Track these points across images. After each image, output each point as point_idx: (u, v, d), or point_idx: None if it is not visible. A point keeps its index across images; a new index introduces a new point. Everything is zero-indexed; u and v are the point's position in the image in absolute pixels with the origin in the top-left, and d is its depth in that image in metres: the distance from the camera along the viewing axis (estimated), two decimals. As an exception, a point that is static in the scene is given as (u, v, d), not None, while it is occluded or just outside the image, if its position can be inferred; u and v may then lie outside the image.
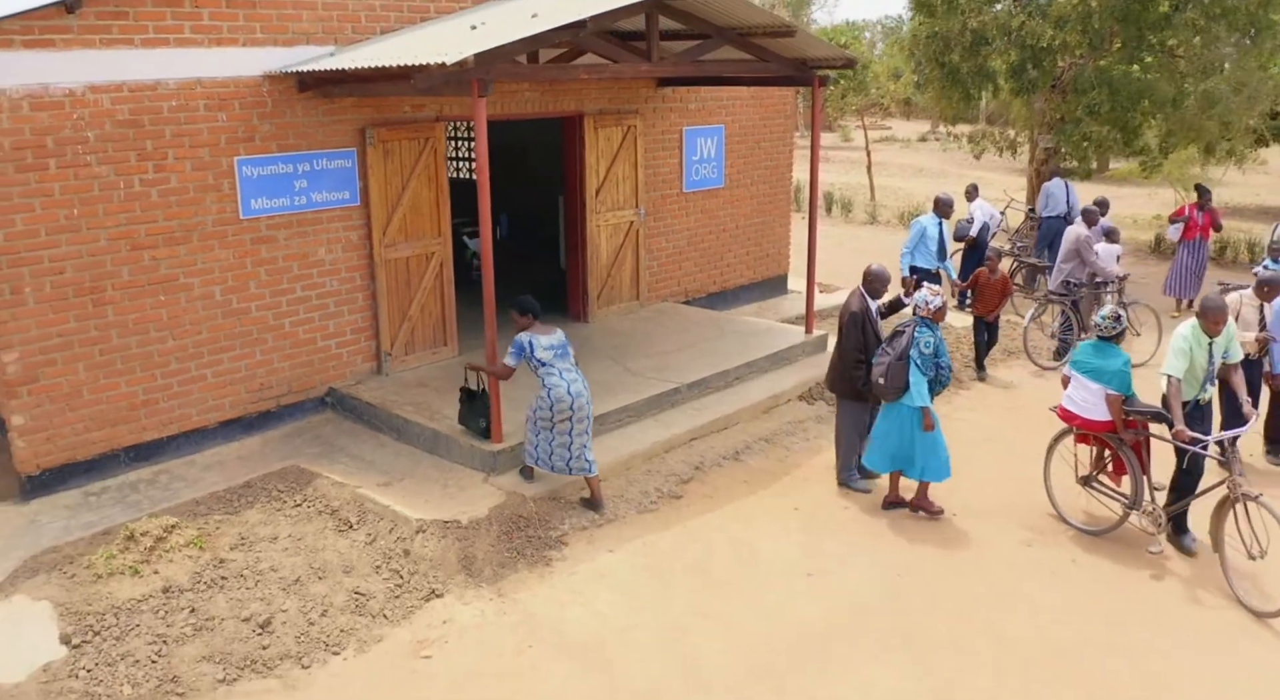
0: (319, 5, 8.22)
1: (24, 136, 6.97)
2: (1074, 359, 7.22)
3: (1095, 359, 6.97)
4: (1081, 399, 7.07)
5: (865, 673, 5.55)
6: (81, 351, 7.46)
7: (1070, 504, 7.43)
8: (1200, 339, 6.88)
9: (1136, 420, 6.97)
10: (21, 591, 6.33)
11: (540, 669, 5.60)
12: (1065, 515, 7.39)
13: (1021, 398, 10.22)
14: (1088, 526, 7.27)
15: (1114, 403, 6.87)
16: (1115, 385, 6.87)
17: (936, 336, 7.26)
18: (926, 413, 7.17)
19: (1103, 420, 6.97)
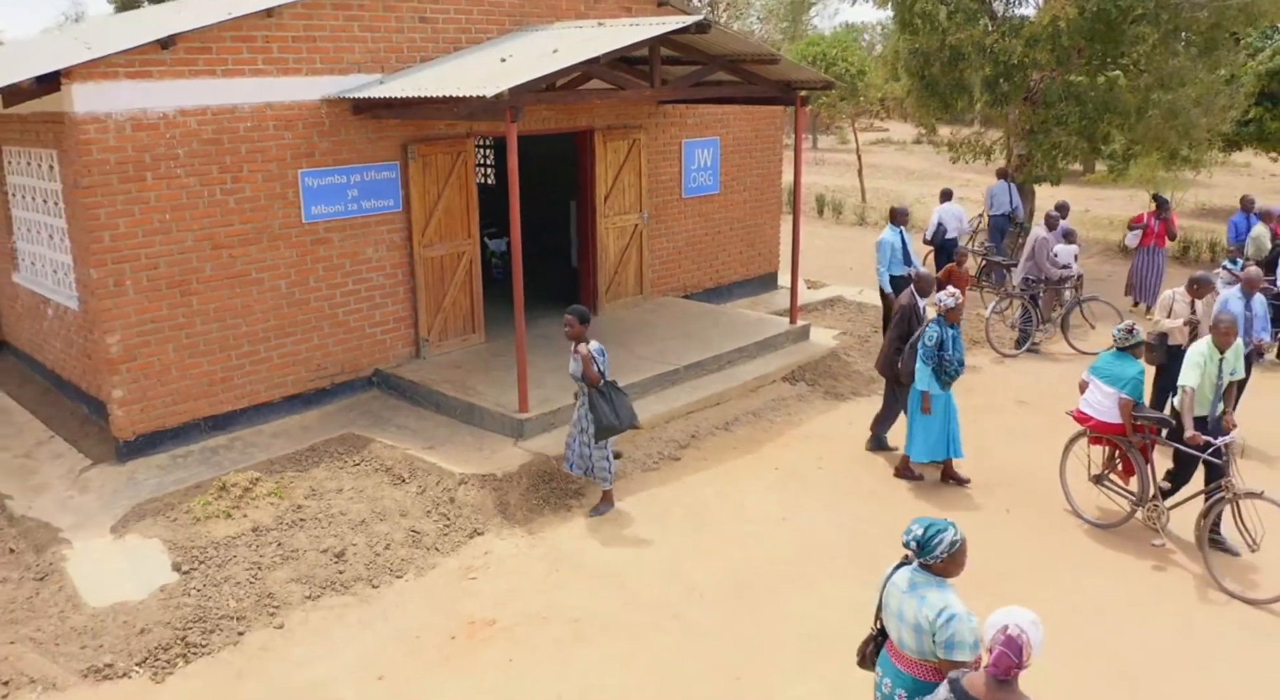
0: (369, 39, 9.55)
1: (127, 153, 8.31)
2: (1093, 366, 7.85)
3: (1113, 366, 7.65)
4: (1097, 403, 7.74)
5: (823, 588, 6.88)
6: (170, 335, 8.80)
7: (1083, 500, 8.14)
8: (1213, 354, 7.49)
9: (1144, 424, 7.61)
10: (133, 532, 7.68)
11: (566, 587, 6.94)
12: (1079, 510, 8.05)
13: (984, 381, 11.53)
14: (1099, 520, 7.95)
15: (1125, 407, 7.52)
16: (1129, 391, 7.53)
17: (944, 332, 8.21)
18: (924, 396, 8.28)
19: (1115, 423, 7.65)
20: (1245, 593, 6.94)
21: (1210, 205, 30.32)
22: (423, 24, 9.93)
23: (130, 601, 6.84)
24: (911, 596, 4.35)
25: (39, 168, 10.08)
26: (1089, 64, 16.56)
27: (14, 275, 11.38)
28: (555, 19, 11.01)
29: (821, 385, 10.82)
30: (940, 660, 4.22)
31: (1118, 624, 6.59)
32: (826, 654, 6.12)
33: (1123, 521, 7.83)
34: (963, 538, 4.33)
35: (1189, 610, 6.81)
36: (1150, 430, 7.67)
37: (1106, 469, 8.00)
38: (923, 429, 8.41)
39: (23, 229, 11.08)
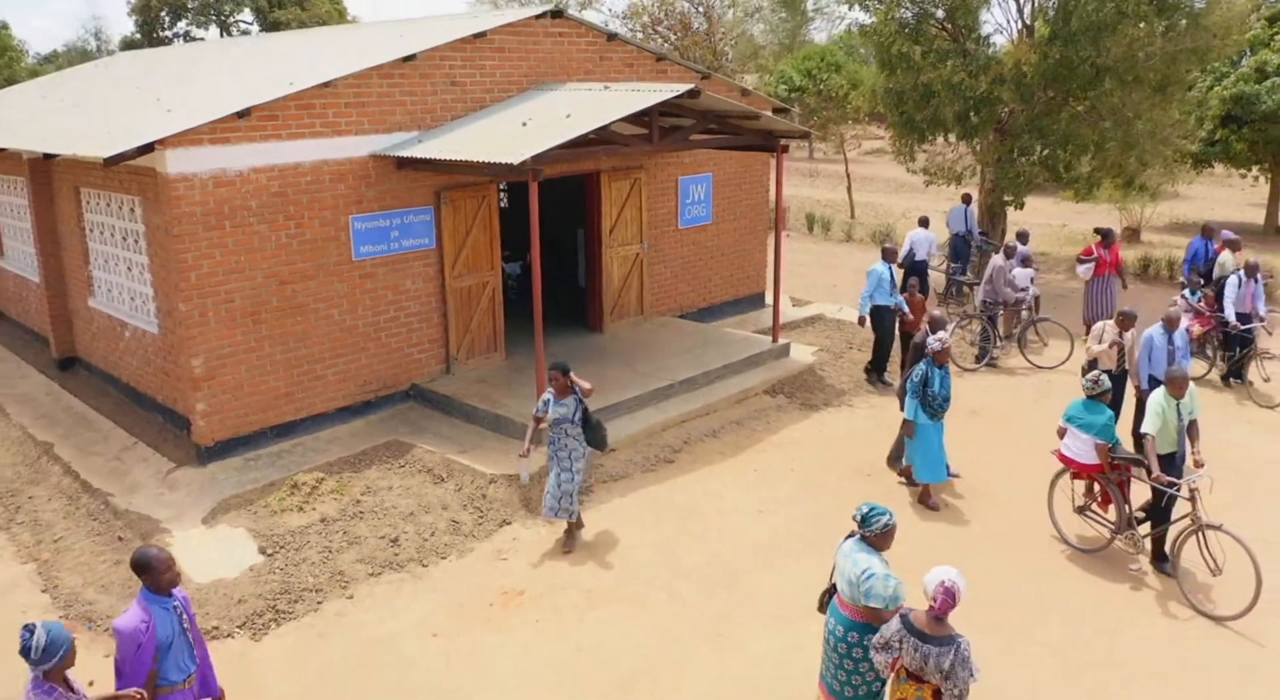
0: (408, 102, 11.16)
1: (209, 205, 9.91)
2: (1068, 415, 8.72)
3: (1085, 415, 8.54)
4: (1076, 447, 8.63)
5: (789, 568, 8.47)
6: (244, 357, 10.41)
7: (1063, 522, 9.12)
8: (1169, 402, 8.42)
9: (1120, 463, 8.54)
10: (222, 522, 9.30)
11: (580, 566, 8.55)
12: (1065, 536, 8.98)
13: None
14: (1082, 546, 8.88)
15: (1102, 451, 8.43)
16: (1102, 436, 8.42)
17: (930, 372, 9.48)
18: (907, 423, 9.54)
19: (1093, 463, 8.56)
20: (1208, 609, 7.93)
21: (1184, 219, 31.86)
22: (453, 87, 11.54)
23: (227, 578, 8.45)
24: (849, 559, 5.95)
25: (119, 209, 11.72)
26: (1052, 101, 18.15)
27: (90, 300, 13.01)
28: (568, 78, 12.61)
29: (798, 397, 12.42)
30: (862, 606, 5.82)
31: (1099, 635, 7.61)
32: (790, 618, 7.71)
33: (1104, 547, 8.78)
34: (894, 524, 5.92)
35: (1160, 624, 7.84)
36: (1125, 467, 8.60)
37: (1088, 501, 8.99)
38: (921, 456, 9.64)
39: (99, 260, 12.71)
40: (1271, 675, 7.18)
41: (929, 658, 5.27)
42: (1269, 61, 25.51)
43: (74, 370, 14.00)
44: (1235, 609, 7.78)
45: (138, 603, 5.39)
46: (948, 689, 5.28)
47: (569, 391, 8.67)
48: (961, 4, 17.85)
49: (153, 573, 5.39)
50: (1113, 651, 7.46)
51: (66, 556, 9.09)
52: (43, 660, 4.85)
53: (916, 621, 5.39)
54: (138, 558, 5.45)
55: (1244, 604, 7.67)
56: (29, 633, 4.85)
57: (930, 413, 9.56)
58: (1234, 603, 7.83)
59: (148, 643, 5.26)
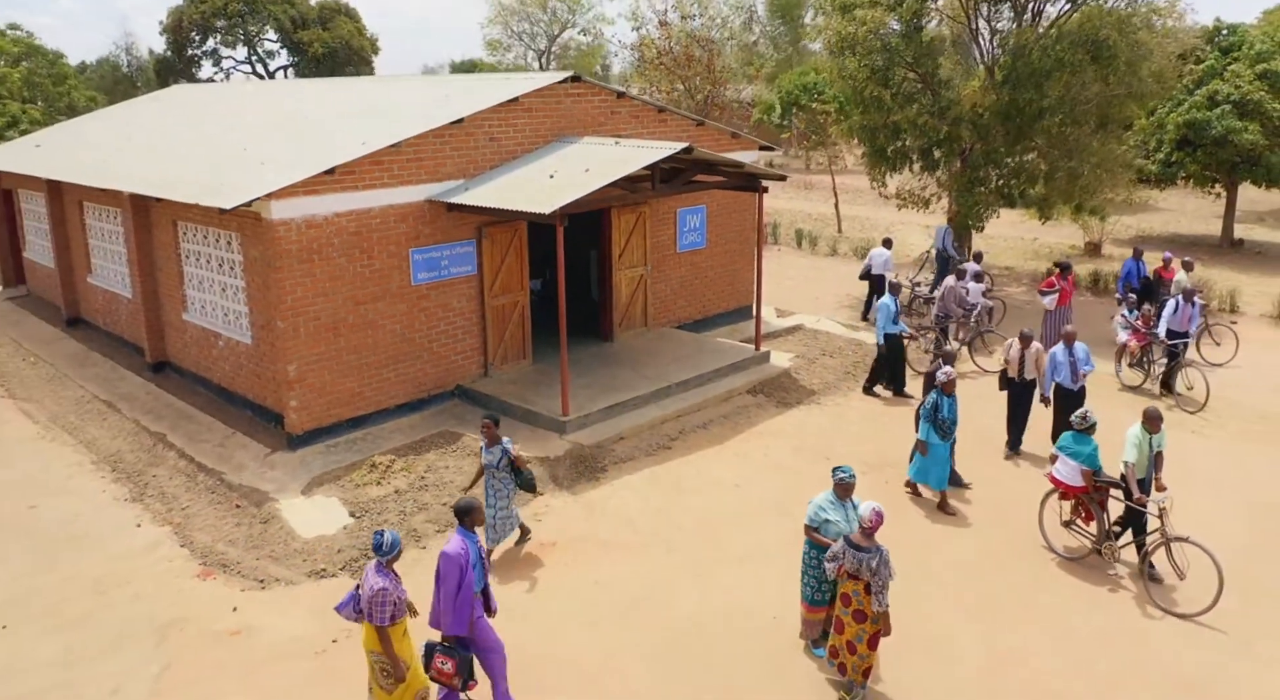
0: (456, 156, 13.72)
1: (302, 244, 12.48)
2: (1059, 444, 10.34)
3: (1074, 445, 10.15)
4: (1065, 471, 10.23)
5: (757, 527, 11.03)
6: (326, 364, 12.99)
7: (1053, 534, 10.69)
8: (1145, 437, 9.94)
9: (1102, 485, 10.12)
10: (317, 493, 11.88)
11: (597, 524, 11.12)
12: (1054, 546, 10.53)
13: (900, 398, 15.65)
14: (1068, 554, 10.41)
15: (1087, 476, 10.08)
16: (1088, 463, 10.06)
17: (941, 399, 11.22)
18: (921, 443, 11.30)
19: (1078, 485, 10.18)
20: (1173, 607, 9.48)
21: (1150, 232, 34.23)
22: (491, 142, 14.12)
23: (327, 534, 11.03)
24: (814, 498, 8.56)
25: (216, 241, 14.32)
26: (1006, 136, 20.68)
27: (184, 314, 15.61)
28: (584, 130, 15.17)
29: (775, 396, 14.98)
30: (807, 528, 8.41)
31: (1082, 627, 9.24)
32: (753, 561, 10.27)
33: (1086, 555, 10.39)
34: (854, 481, 8.45)
35: (1134, 620, 9.41)
36: (1105, 489, 10.12)
37: (1073, 517, 10.52)
38: (934, 470, 11.43)
39: (193, 281, 15.32)
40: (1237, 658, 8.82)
41: (862, 561, 7.83)
42: (1220, 90, 27.94)
43: (165, 373, 16.60)
44: (1201, 606, 9.29)
45: (458, 535, 7.70)
46: (874, 582, 7.83)
47: (497, 441, 10.03)
48: (926, 53, 20.40)
49: (474, 514, 7.83)
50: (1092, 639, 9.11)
51: (195, 521, 11.67)
52: (389, 553, 7.37)
53: (854, 539, 7.94)
54: (464, 504, 7.84)
55: (1208, 601, 9.23)
56: (380, 535, 7.36)
57: (941, 434, 11.32)
58: (1199, 600, 9.36)
59: (466, 564, 7.63)
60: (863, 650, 8.08)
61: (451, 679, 7.67)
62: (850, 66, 20.80)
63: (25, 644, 9.33)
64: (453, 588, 7.62)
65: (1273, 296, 22.11)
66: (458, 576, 7.61)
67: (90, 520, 11.81)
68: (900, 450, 13.14)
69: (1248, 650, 8.98)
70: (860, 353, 17.22)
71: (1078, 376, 12.92)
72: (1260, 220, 37.90)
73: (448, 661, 7.65)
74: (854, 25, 20.35)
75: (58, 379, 16.99)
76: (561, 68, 53.96)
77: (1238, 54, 28.89)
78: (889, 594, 7.86)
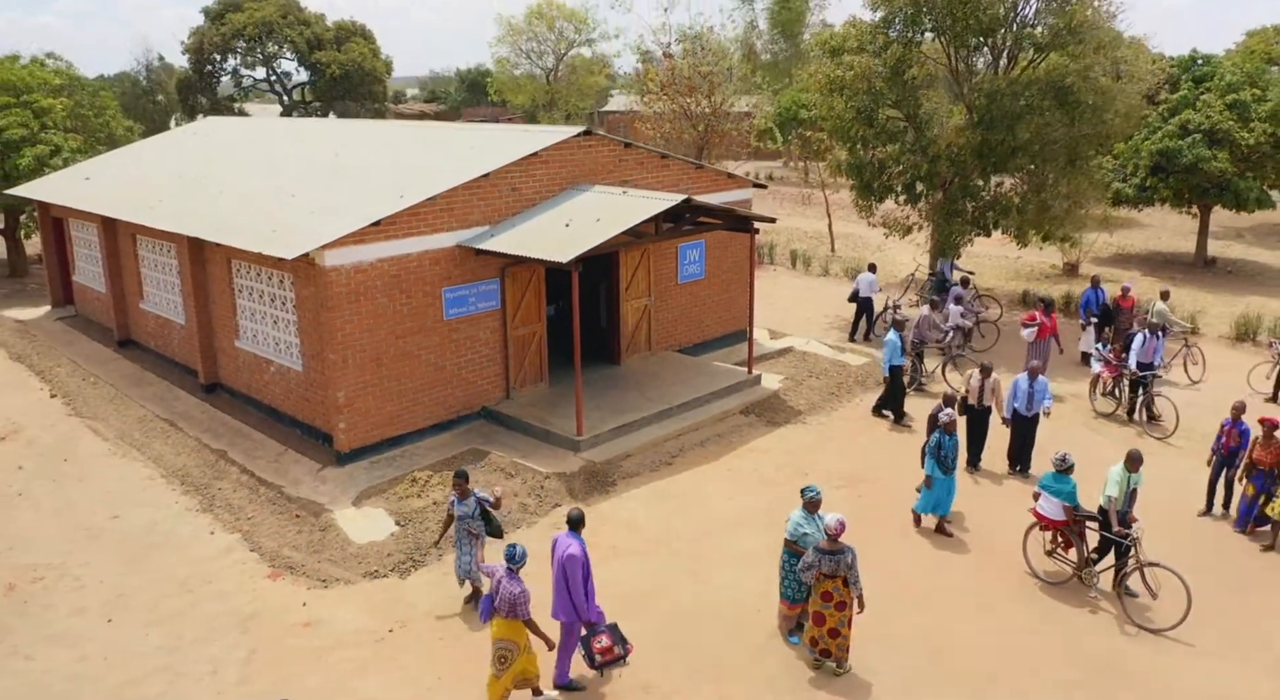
0: (482, 205, 15.53)
1: (351, 286, 14.30)
2: (1041, 483, 11.61)
3: (1055, 484, 11.42)
4: (1048, 507, 11.53)
5: (746, 535, 12.83)
6: (370, 389, 14.81)
7: (1037, 562, 12.01)
8: (1125, 476, 11.25)
9: (1080, 519, 11.49)
10: (366, 505, 13.70)
11: (608, 531, 12.93)
12: (1037, 572, 11.82)
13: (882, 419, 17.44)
14: (1050, 579, 11.71)
15: (1068, 510, 11.41)
16: (1068, 500, 11.38)
17: (942, 438, 12.58)
18: (928, 478, 12.66)
19: (1059, 519, 11.51)
20: (1147, 624, 10.84)
21: (1130, 250, 35.88)
22: (513, 192, 15.93)
23: (377, 541, 12.84)
24: (791, 518, 10.32)
25: (269, 279, 16.14)
26: (982, 172, 22.46)
27: (236, 342, 17.44)
28: (595, 177, 16.97)
29: (764, 416, 16.78)
30: (789, 541, 10.20)
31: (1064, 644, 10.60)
32: (744, 564, 12.06)
33: (1066, 581, 11.70)
34: (820, 498, 10.24)
35: (1112, 636, 10.78)
36: (1083, 522, 11.48)
37: (1054, 546, 11.91)
38: (936, 500, 12.85)
39: (246, 313, 17.14)
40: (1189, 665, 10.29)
41: (837, 561, 9.63)
42: (1191, 120, 29.70)
43: (217, 393, 18.44)
44: (1169, 622, 10.72)
45: (574, 539, 9.52)
46: (850, 575, 9.64)
47: (468, 495, 11.16)
48: (909, 95, 22.18)
49: (583, 522, 9.76)
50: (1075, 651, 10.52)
51: (261, 529, 13.49)
52: (520, 562, 9.22)
53: (823, 546, 9.71)
54: (577, 514, 9.78)
55: (1177, 619, 10.65)
56: (513, 548, 9.25)
57: (943, 470, 12.76)
58: (1171, 616, 10.79)
59: (585, 563, 9.52)
60: (845, 631, 9.88)
61: (611, 650, 9.73)
62: (838, 106, 22.59)
63: (132, 634, 11.16)
64: (580, 581, 9.48)
65: (1234, 317, 23.85)
66: (584, 572, 9.52)
67: (168, 528, 13.64)
68: (872, 466, 14.95)
69: (1169, 642, 10.76)
70: (843, 374, 19.02)
71: (1033, 405, 14.65)
72: (1239, 236, 39.57)
73: (602, 638, 9.69)
74: (842, 69, 22.16)
75: (119, 398, 18.83)
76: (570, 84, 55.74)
77: (1210, 84, 30.65)
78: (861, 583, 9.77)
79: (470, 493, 11.27)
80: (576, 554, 9.52)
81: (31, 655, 10.85)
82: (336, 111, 52.54)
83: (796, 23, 60.54)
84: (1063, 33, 20.73)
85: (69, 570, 12.61)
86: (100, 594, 12.03)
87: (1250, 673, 10.22)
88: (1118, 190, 31.20)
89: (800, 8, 60.31)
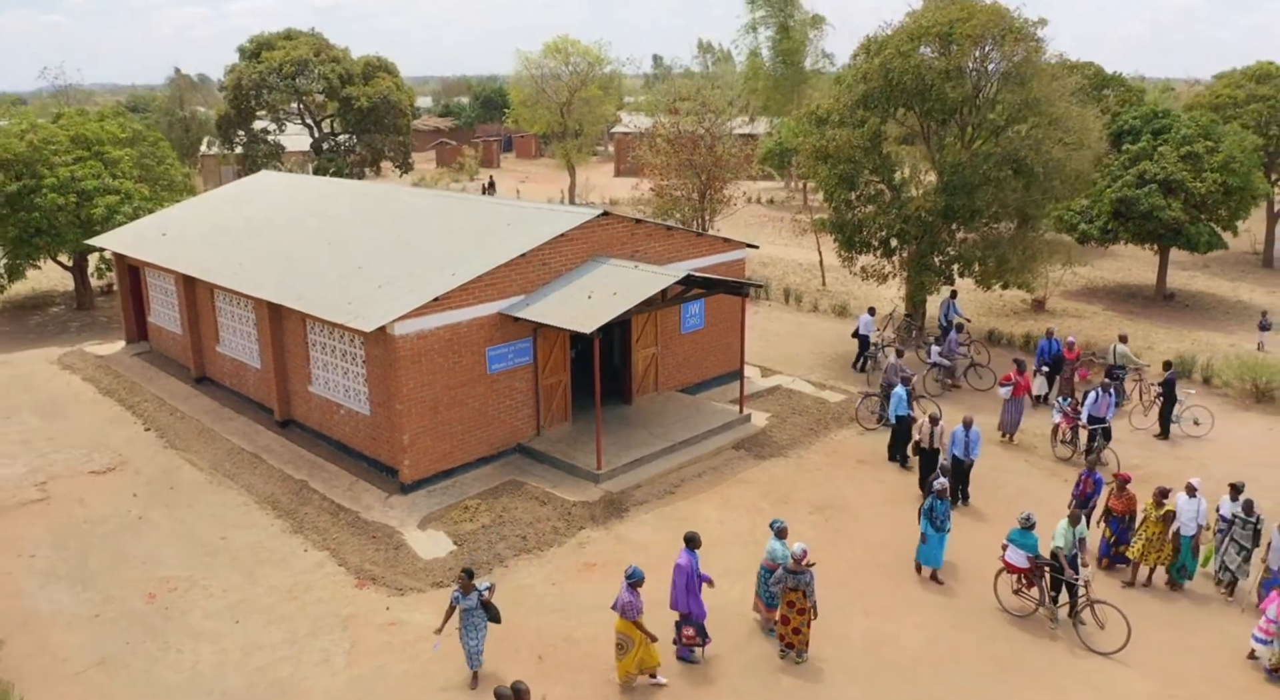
0: (519, 279, 18.84)
1: (414, 349, 17.63)
2: (1009, 537, 14.22)
3: (1020, 539, 14.09)
4: (1015, 557, 14.14)
5: (733, 551, 16.08)
6: (429, 432, 18.14)
7: (1008, 602, 14.61)
8: (1070, 528, 13.97)
9: (1040, 565, 14.08)
10: (429, 528, 17.03)
11: (624, 550, 16.23)
12: (1006, 607, 14.48)
13: (846, 445, 20.70)
14: (1017, 613, 14.40)
15: (1031, 560, 14.01)
16: (1030, 552, 14.02)
17: (934, 503, 14.93)
18: (923, 534, 15.21)
19: (1024, 567, 14.13)
20: (1096, 648, 13.60)
21: (1098, 283, 38.93)
22: (544, 266, 19.25)
23: (439, 557, 16.16)
24: (768, 545, 13.63)
25: (341, 337, 19.49)
26: (947, 231, 25.70)
27: (309, 387, 20.79)
28: (611, 249, 20.27)
29: (754, 451, 20.06)
30: (766, 561, 13.50)
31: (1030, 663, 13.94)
32: (731, 575, 15.33)
33: (1030, 614, 14.49)
34: (786, 527, 13.55)
35: (1066, 657, 13.55)
36: (1043, 569, 14.14)
37: (1020, 587, 14.49)
38: (930, 554, 15.33)
39: (318, 364, 20.49)
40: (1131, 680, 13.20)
41: (799, 580, 12.88)
42: (1148, 170, 32.84)
43: (291, 428, 21.79)
44: (1115, 647, 13.53)
45: (687, 554, 12.88)
46: (808, 591, 12.86)
47: (471, 589, 12.70)
48: (884, 164, 25.46)
49: (699, 542, 13.03)
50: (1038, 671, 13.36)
51: (345, 547, 16.80)
52: (635, 578, 12.33)
53: (789, 567, 12.94)
54: (693, 534, 13.11)
55: (1120, 644, 13.52)
56: (633, 568, 12.39)
57: (936, 528, 15.17)
58: (1113, 643, 13.66)
59: (689, 571, 12.78)
60: (805, 631, 13.14)
61: (694, 639, 13.12)
62: (823, 172, 25.88)
63: (257, 631, 14.49)
64: (682, 584, 12.87)
65: (1178, 352, 26.97)
66: (684, 578, 12.87)
67: (270, 547, 16.98)
68: (841, 495, 18.21)
69: (1065, 644, 14.01)
70: (823, 410, 22.31)
71: (969, 452, 17.83)
72: (1204, 267, 42.69)
73: (689, 629, 13.09)
74: (825, 141, 25.44)
75: (206, 432, 22.19)
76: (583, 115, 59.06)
77: (1167, 136, 33.77)
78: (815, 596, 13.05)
79: (473, 588, 12.81)
80: (682, 564, 12.96)
81: (181, 649, 14.18)
82: (363, 142, 56.03)
83: (797, 52, 63.91)
84: (1019, 108, 23.94)
85: (197, 582, 15.94)
86: (225, 600, 15.37)
87: (1124, 670, 13.49)
88: (1084, 231, 34.39)
89: (800, 38, 63.74)
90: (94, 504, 18.80)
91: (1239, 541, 14.73)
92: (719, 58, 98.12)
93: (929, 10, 24.39)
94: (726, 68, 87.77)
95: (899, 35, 24.31)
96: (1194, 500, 14.86)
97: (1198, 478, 15.56)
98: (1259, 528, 14.71)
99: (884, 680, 13.18)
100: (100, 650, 14.15)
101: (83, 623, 14.84)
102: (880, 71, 23.96)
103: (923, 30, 23.69)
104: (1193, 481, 15.08)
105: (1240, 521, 14.71)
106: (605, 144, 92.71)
